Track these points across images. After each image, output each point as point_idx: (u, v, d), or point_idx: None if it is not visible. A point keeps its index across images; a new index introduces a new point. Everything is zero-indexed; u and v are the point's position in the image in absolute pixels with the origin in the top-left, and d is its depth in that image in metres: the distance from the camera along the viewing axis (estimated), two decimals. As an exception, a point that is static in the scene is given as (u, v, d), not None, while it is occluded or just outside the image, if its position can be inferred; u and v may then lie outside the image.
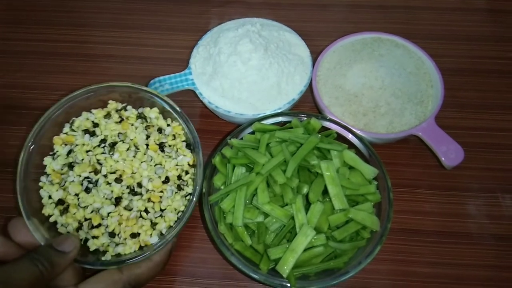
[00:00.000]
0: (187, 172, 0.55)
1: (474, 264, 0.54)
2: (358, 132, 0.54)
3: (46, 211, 0.52)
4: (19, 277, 0.38)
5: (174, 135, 0.56)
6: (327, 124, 0.54)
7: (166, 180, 0.53)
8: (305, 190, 0.48)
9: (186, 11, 0.77)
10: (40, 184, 0.53)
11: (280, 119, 0.55)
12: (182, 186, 0.54)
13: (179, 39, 0.73)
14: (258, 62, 0.58)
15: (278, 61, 0.59)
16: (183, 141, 0.56)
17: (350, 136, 0.53)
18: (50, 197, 0.53)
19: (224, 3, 0.77)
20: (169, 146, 0.55)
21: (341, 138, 0.54)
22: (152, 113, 0.57)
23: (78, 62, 0.72)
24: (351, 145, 0.53)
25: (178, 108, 0.55)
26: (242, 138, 0.54)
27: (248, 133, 0.54)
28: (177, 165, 0.54)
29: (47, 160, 0.55)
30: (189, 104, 0.56)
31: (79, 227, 0.51)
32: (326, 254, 0.47)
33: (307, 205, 0.48)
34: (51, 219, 0.51)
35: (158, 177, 0.53)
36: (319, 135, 0.52)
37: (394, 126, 0.57)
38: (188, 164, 0.55)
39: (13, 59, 0.72)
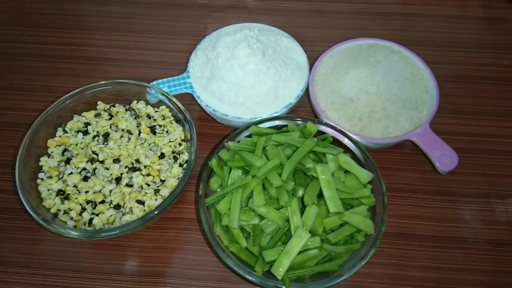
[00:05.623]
0: (180, 145, 0.58)
1: (467, 269, 0.54)
2: (353, 136, 0.54)
3: (47, 203, 0.53)
4: None
5: (163, 116, 0.59)
6: (323, 128, 0.55)
7: (162, 155, 0.56)
8: (300, 193, 0.48)
9: (185, 16, 0.77)
10: (38, 181, 0.54)
11: (277, 122, 0.55)
12: (177, 156, 0.56)
13: (178, 43, 0.74)
14: (255, 67, 0.58)
15: (275, 66, 0.59)
16: (173, 120, 0.60)
17: (346, 141, 0.54)
18: (49, 190, 0.54)
19: (223, 9, 0.78)
20: (160, 126, 0.58)
21: (336, 142, 0.54)
22: (140, 104, 0.60)
23: (77, 65, 0.72)
24: (346, 149, 0.53)
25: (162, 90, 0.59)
26: (239, 141, 0.54)
27: (245, 136, 0.55)
28: (170, 141, 0.57)
29: (43, 159, 0.55)
30: (187, 108, 0.57)
31: (82, 210, 0.52)
32: (321, 256, 0.48)
33: (303, 208, 0.48)
34: (52, 210, 0.52)
35: (154, 154, 0.56)
36: (315, 139, 0.52)
37: (389, 131, 0.57)
38: (181, 139, 0.58)
39: (12, 61, 0.73)
